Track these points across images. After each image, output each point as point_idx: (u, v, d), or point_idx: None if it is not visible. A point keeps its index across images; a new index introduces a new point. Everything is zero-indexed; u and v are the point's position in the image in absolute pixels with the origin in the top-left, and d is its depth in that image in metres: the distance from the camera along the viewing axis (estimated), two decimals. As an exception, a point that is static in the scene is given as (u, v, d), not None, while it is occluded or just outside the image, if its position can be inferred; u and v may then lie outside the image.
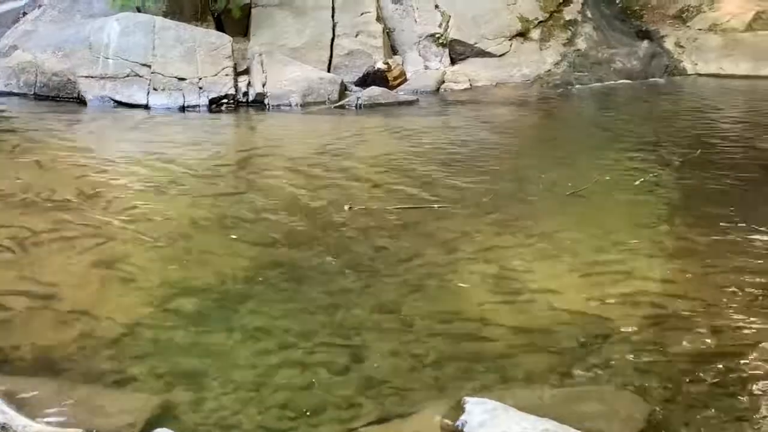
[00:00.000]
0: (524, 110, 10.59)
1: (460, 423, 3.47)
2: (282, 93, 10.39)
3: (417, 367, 4.14)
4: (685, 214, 6.27)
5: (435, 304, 4.83)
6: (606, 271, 5.23)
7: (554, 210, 6.41)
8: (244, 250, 5.65)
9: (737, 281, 5.04)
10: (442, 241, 5.77)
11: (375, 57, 11.39)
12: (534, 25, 12.42)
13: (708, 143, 8.35)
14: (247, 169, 7.66)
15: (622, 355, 4.21)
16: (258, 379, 4.03)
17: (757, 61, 12.18)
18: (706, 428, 3.60)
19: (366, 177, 7.31)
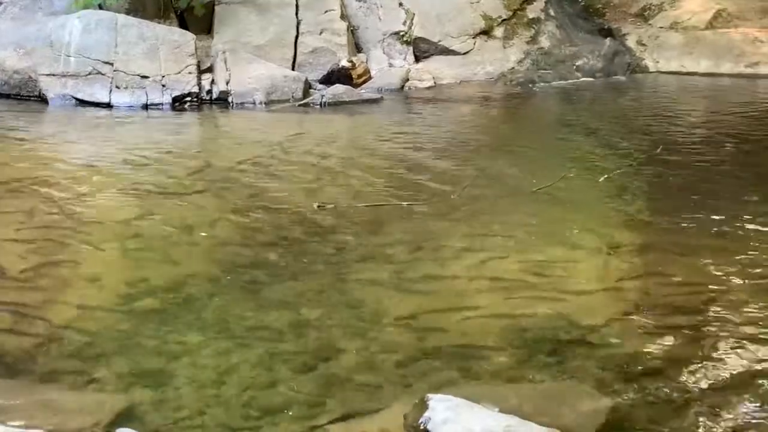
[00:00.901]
0: (489, 108, 10.64)
1: (423, 420, 3.47)
2: (246, 91, 10.35)
3: (381, 365, 4.15)
4: (648, 211, 6.33)
5: (399, 301, 4.84)
6: (569, 269, 5.26)
7: (521, 207, 6.45)
8: (207, 249, 5.63)
9: (698, 277, 5.09)
10: (408, 238, 5.79)
11: (339, 55, 11.38)
12: (497, 23, 12.46)
13: (669, 140, 8.43)
14: (210, 167, 7.62)
15: (583, 351, 4.25)
16: (221, 377, 4.01)
17: (718, 58, 12.31)
18: (665, 422, 3.64)
19: (332, 175, 7.30)
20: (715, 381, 3.98)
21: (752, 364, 4.12)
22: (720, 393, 3.88)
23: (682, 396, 3.85)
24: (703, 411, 3.74)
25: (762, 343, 4.31)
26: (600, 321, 4.55)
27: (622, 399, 3.80)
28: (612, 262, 5.37)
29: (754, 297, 4.82)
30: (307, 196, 6.67)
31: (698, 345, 4.32)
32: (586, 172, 7.34)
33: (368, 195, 6.72)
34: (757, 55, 12.26)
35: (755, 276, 5.09)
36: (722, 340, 4.35)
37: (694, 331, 4.46)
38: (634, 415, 3.70)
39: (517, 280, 5.09)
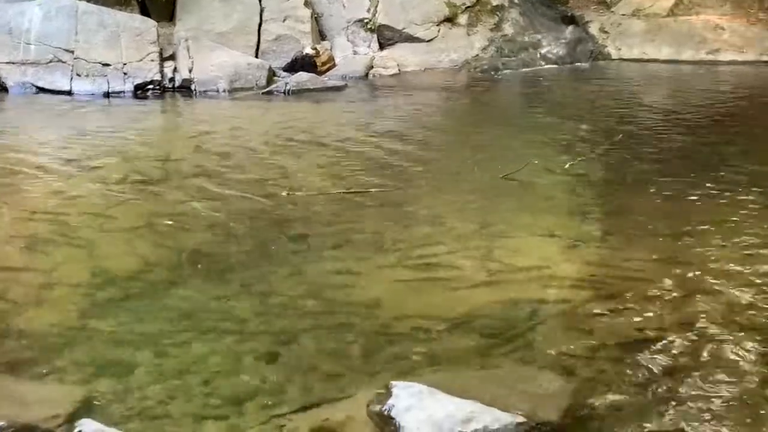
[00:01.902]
0: (453, 95, 10.65)
1: (387, 407, 3.48)
2: (209, 79, 10.30)
3: (346, 353, 4.15)
4: (612, 197, 6.38)
5: (363, 289, 4.84)
6: (532, 255, 5.28)
7: (488, 194, 6.47)
8: (171, 237, 5.60)
9: (660, 264, 5.13)
10: (375, 224, 5.79)
11: (303, 42, 11.35)
12: (461, 10, 12.47)
13: (630, 126, 8.49)
14: (173, 155, 7.58)
15: (545, 336, 4.27)
16: (184, 367, 3.99)
17: (679, 45, 12.42)
18: (628, 407, 3.67)
19: (300, 162, 7.28)
20: (676, 364, 4.01)
21: (713, 347, 4.16)
22: (681, 376, 3.91)
23: (644, 380, 3.88)
24: (664, 394, 3.77)
25: (725, 327, 4.35)
26: (562, 306, 4.58)
27: (584, 383, 3.83)
28: (575, 249, 5.39)
29: (716, 281, 4.87)
30: (275, 183, 6.65)
31: (660, 329, 4.35)
32: (551, 158, 7.37)
33: (336, 182, 6.72)
34: (717, 42, 12.38)
35: (716, 258, 5.14)
36: (683, 325, 4.38)
37: (655, 315, 4.49)
38: (596, 399, 3.72)
39: (480, 267, 5.10)
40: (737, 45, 12.36)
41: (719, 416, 3.62)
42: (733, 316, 4.45)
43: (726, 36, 12.47)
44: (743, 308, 4.54)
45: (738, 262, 5.11)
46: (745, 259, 5.15)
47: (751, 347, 4.16)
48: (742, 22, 12.84)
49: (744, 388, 3.81)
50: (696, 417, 3.61)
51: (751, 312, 4.50)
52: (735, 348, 4.15)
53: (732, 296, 4.68)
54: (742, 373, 3.95)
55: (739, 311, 4.50)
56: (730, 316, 4.45)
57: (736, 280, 4.87)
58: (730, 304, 4.57)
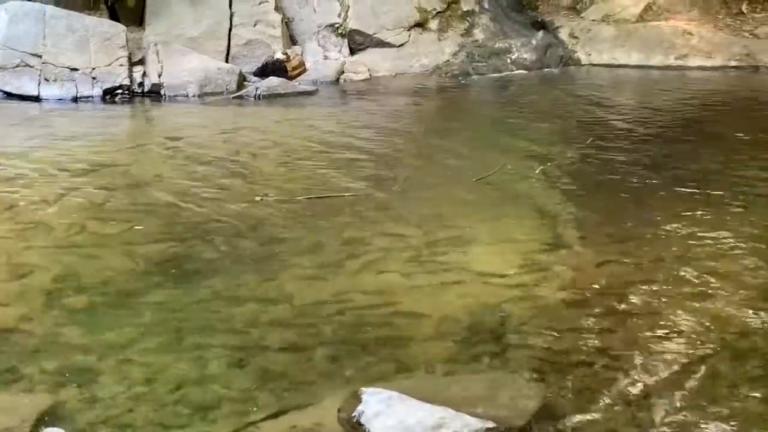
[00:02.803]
0: (424, 100, 10.66)
1: (357, 413, 3.47)
2: (179, 83, 10.24)
3: (314, 359, 4.13)
4: (582, 200, 6.39)
5: (333, 295, 4.82)
6: (504, 260, 5.28)
7: (460, 198, 6.47)
8: (140, 243, 5.56)
9: (628, 267, 5.16)
10: (346, 230, 5.77)
11: (274, 47, 11.32)
12: (432, 15, 12.50)
13: (600, 131, 8.54)
14: (142, 161, 7.53)
15: (515, 341, 4.27)
16: (152, 375, 3.95)
17: (648, 51, 12.51)
18: (595, 411, 3.68)
19: (272, 167, 7.26)
20: (645, 370, 4.03)
21: (681, 353, 4.19)
22: (651, 380, 3.93)
23: (613, 384, 3.90)
24: (633, 399, 3.78)
25: (691, 336, 4.37)
26: (531, 312, 4.58)
27: (553, 388, 3.83)
28: (545, 253, 5.40)
29: (683, 286, 4.90)
30: (246, 188, 6.62)
31: (630, 334, 4.37)
32: (523, 163, 7.39)
33: (309, 186, 6.69)
34: (686, 47, 12.48)
35: (685, 264, 5.17)
36: (654, 330, 4.40)
37: (625, 321, 4.51)
38: (566, 404, 3.73)
39: (452, 272, 5.10)
40: (705, 50, 12.46)
41: (688, 419, 3.64)
42: (704, 322, 4.48)
43: (694, 41, 12.58)
44: (713, 315, 4.57)
45: (705, 266, 5.15)
46: (712, 261, 5.20)
47: (725, 351, 4.19)
48: (709, 27, 12.96)
49: (716, 391, 3.84)
50: (665, 420, 3.63)
51: (723, 317, 4.53)
52: (706, 350, 4.18)
53: (702, 302, 4.70)
54: (715, 374, 3.97)
55: (708, 318, 4.53)
56: (702, 323, 4.48)
57: (704, 285, 4.90)
58: (701, 311, 4.60)
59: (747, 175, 6.98)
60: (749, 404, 3.75)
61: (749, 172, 7.06)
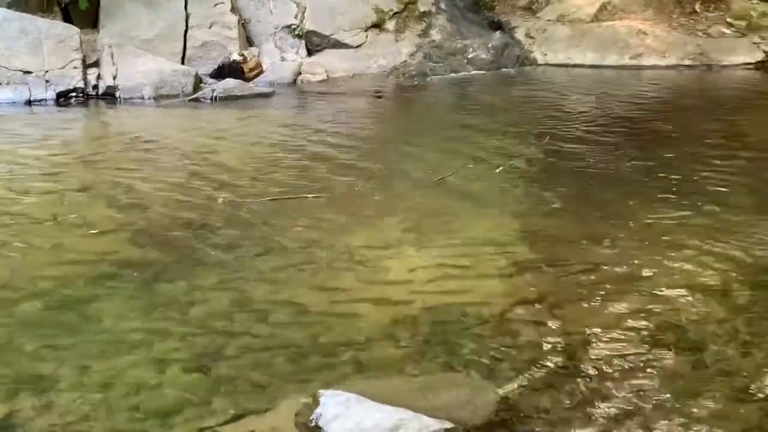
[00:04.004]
0: (382, 101, 10.65)
1: (315, 416, 3.46)
2: (134, 86, 10.14)
3: (273, 362, 4.11)
4: (545, 202, 6.43)
5: (291, 297, 4.80)
6: (462, 260, 5.30)
7: (421, 198, 6.47)
8: (95, 248, 5.50)
9: (587, 266, 5.19)
10: (307, 232, 5.76)
11: (230, 49, 11.24)
12: (389, 16, 12.51)
13: (556, 129, 8.59)
14: (96, 163, 7.45)
15: (473, 341, 4.29)
16: (108, 380, 3.92)
17: (603, 50, 12.61)
18: (554, 411, 3.71)
19: (231, 169, 7.21)
20: (601, 367, 4.06)
21: (638, 349, 4.23)
22: (606, 378, 3.97)
23: (570, 382, 3.93)
24: (589, 396, 3.82)
25: (645, 334, 4.42)
26: (488, 311, 4.60)
27: (512, 388, 3.85)
28: (502, 252, 5.42)
29: (639, 283, 4.95)
30: (206, 190, 6.59)
31: (587, 333, 4.41)
32: (483, 162, 7.42)
33: (269, 188, 6.66)
34: (641, 47, 12.61)
35: (645, 264, 5.22)
36: (610, 329, 4.44)
37: (579, 319, 4.54)
38: (524, 404, 3.75)
39: (410, 273, 5.10)
40: (659, 50, 12.59)
41: (643, 416, 3.68)
42: (656, 318, 4.53)
43: (649, 41, 12.71)
44: (664, 311, 4.62)
45: (660, 264, 5.21)
46: (663, 258, 5.26)
47: (671, 350, 4.24)
48: (664, 27, 13.10)
49: (667, 388, 3.88)
50: (620, 418, 3.67)
51: (672, 314, 4.58)
52: (657, 349, 4.23)
53: (652, 301, 4.75)
54: (664, 374, 4.02)
55: (659, 314, 4.58)
56: (654, 319, 4.53)
57: (657, 284, 4.96)
58: (651, 308, 4.65)
59: (689, 171, 7.09)
60: (703, 406, 3.80)
61: (692, 168, 7.18)
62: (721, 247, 5.43)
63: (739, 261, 5.23)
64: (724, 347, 4.25)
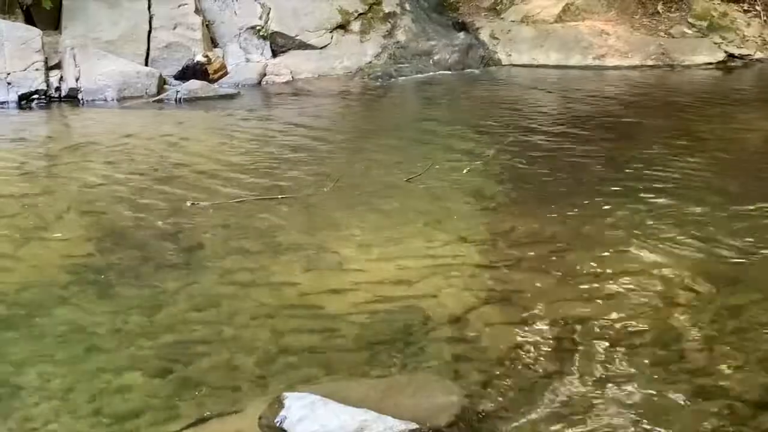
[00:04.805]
0: (348, 102, 10.65)
1: (279, 419, 3.46)
2: (97, 88, 10.07)
3: (237, 365, 4.11)
4: (510, 200, 6.48)
5: (256, 299, 4.80)
6: (427, 262, 5.31)
7: (390, 199, 6.48)
8: (60, 251, 5.46)
9: (545, 270, 5.22)
10: (274, 234, 5.75)
11: (194, 50, 11.18)
12: (354, 17, 12.50)
13: (520, 129, 8.64)
14: (59, 167, 7.39)
15: (438, 342, 4.31)
16: (70, 385, 3.90)
17: (567, 51, 12.68)
18: (516, 408, 3.73)
19: (198, 171, 7.18)
20: (564, 367, 4.10)
21: (601, 348, 4.26)
22: (569, 378, 4.00)
23: (534, 382, 3.95)
24: (553, 396, 3.84)
25: (610, 330, 4.46)
26: (453, 313, 4.61)
27: (476, 388, 3.87)
28: (468, 253, 5.45)
29: (603, 283, 4.99)
30: (173, 192, 6.56)
31: (550, 333, 4.43)
32: (450, 162, 7.43)
33: (237, 190, 6.64)
34: (603, 47, 12.69)
35: (608, 265, 5.26)
36: (574, 329, 4.47)
37: (542, 320, 4.57)
38: (488, 404, 3.77)
39: (375, 275, 5.11)
40: (622, 50, 12.69)
41: (607, 414, 3.71)
42: (619, 318, 4.57)
43: (611, 41, 12.80)
44: (626, 312, 4.66)
45: (621, 260, 5.26)
46: (629, 253, 5.31)
47: (635, 348, 4.28)
48: (626, 27, 13.20)
49: (631, 386, 3.92)
50: (584, 416, 3.70)
51: (640, 311, 4.63)
52: (619, 349, 4.26)
53: (617, 299, 4.80)
54: (628, 373, 4.05)
55: (622, 315, 4.62)
56: (614, 319, 4.57)
57: (622, 281, 5.00)
58: (612, 308, 4.69)
59: (653, 167, 7.17)
60: (667, 404, 3.84)
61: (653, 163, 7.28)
62: (683, 240, 5.49)
63: (700, 255, 5.29)
64: (686, 344, 4.30)
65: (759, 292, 4.83)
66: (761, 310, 4.63)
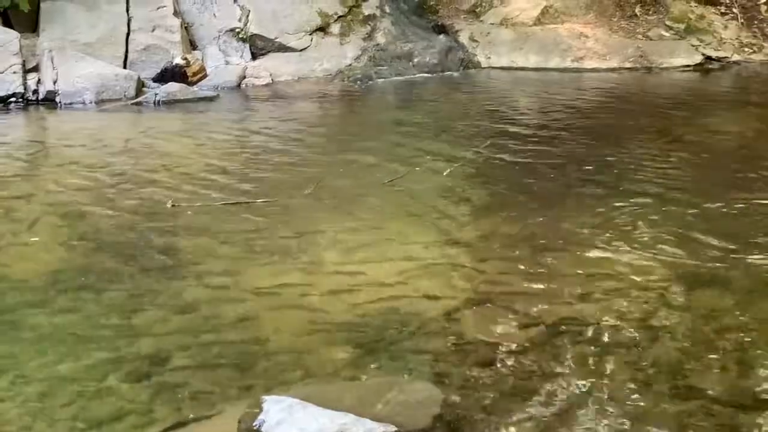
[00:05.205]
0: (328, 104, 10.65)
1: (257, 422, 3.45)
2: (75, 90, 10.01)
3: (216, 368, 4.10)
4: (490, 201, 6.50)
5: (235, 302, 4.79)
6: (400, 265, 5.30)
7: (370, 201, 6.48)
8: (37, 255, 5.43)
9: (531, 267, 5.24)
10: (253, 237, 5.73)
11: (173, 52, 11.14)
12: (334, 19, 12.50)
13: (499, 133, 8.65)
14: (38, 169, 7.36)
15: (416, 344, 4.31)
16: (48, 390, 3.87)
17: (546, 53, 12.73)
18: (496, 410, 3.74)
19: (179, 173, 7.16)
20: (543, 368, 4.11)
21: (579, 348, 4.28)
22: (548, 378, 4.01)
23: (512, 383, 3.96)
24: (532, 396, 3.86)
25: (591, 329, 4.47)
26: (431, 314, 4.62)
27: (454, 389, 3.88)
28: (445, 255, 5.45)
29: (584, 287, 5.01)
30: (153, 194, 6.54)
31: (530, 334, 4.44)
32: (430, 165, 7.44)
33: (218, 193, 6.62)
34: (582, 49, 12.75)
35: (587, 266, 5.28)
36: (554, 331, 4.48)
37: (520, 320, 4.59)
38: (468, 405, 3.78)
39: (353, 277, 5.11)
40: (601, 52, 12.75)
41: (585, 415, 3.73)
42: (598, 320, 4.59)
43: (590, 44, 12.86)
44: (606, 313, 4.68)
45: (600, 263, 5.28)
46: (607, 253, 5.34)
47: (612, 347, 4.30)
48: (605, 30, 13.26)
49: (608, 386, 3.94)
50: (563, 417, 3.71)
51: (619, 312, 4.64)
52: (599, 350, 4.28)
53: (591, 302, 4.81)
54: (607, 375, 4.07)
55: (601, 317, 4.64)
56: (593, 320, 4.58)
57: (596, 285, 5.02)
58: (592, 310, 4.71)
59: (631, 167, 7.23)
60: (642, 404, 3.86)
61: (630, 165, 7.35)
62: (661, 241, 5.52)
63: (678, 256, 5.32)
64: (662, 344, 4.32)
65: (736, 293, 4.86)
66: (739, 310, 4.65)
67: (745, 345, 4.31)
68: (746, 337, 4.38)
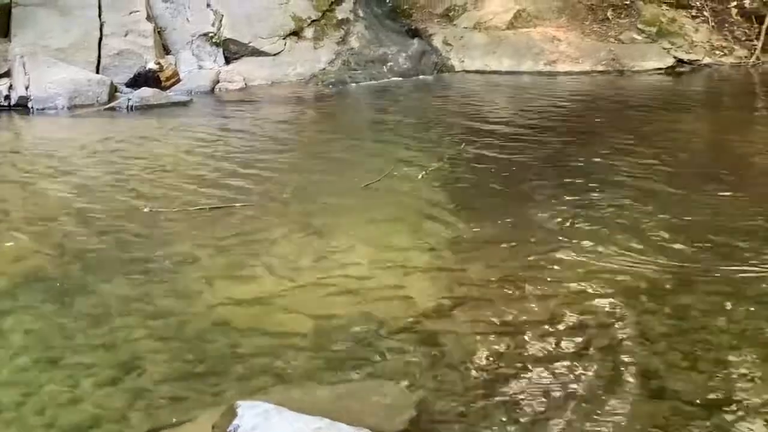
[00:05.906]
0: (301, 109, 10.66)
1: (232, 428, 3.43)
2: (47, 96, 9.96)
3: (190, 373, 4.08)
4: (465, 204, 6.51)
5: (209, 307, 4.77)
6: (377, 268, 5.32)
7: (348, 205, 6.49)
8: (10, 261, 5.39)
9: (507, 271, 5.26)
10: (230, 241, 5.72)
11: (146, 57, 11.12)
12: (307, 24, 12.51)
13: (472, 136, 8.68)
14: (10, 176, 7.30)
15: (391, 349, 4.31)
16: (21, 398, 3.84)
17: (519, 57, 12.81)
18: (471, 414, 3.75)
19: (153, 178, 7.13)
20: (520, 372, 4.13)
21: (551, 351, 4.30)
22: (524, 381, 4.03)
23: (489, 386, 3.98)
24: (508, 399, 3.87)
25: (570, 337, 4.50)
26: (407, 319, 4.62)
27: (430, 393, 3.89)
28: (422, 258, 5.46)
29: (557, 289, 5.03)
30: (128, 200, 6.51)
31: (504, 337, 4.46)
32: (407, 168, 7.46)
33: (195, 197, 6.61)
34: (555, 53, 12.83)
35: (560, 268, 5.30)
36: (528, 333, 4.50)
37: (496, 324, 4.60)
38: (442, 408, 3.79)
39: (328, 281, 5.11)
40: (573, 56, 12.84)
41: (562, 417, 3.75)
42: (571, 321, 4.61)
43: (563, 47, 12.95)
44: (579, 315, 4.71)
45: (579, 265, 5.32)
46: (582, 255, 5.37)
47: (589, 349, 4.33)
48: (577, 33, 13.36)
49: (585, 388, 3.96)
50: (539, 419, 3.73)
51: (590, 318, 4.67)
52: (572, 351, 4.30)
53: (564, 303, 4.84)
54: (580, 376, 4.10)
55: (574, 318, 4.67)
56: (566, 321, 4.61)
57: (569, 286, 5.05)
58: (564, 311, 4.73)
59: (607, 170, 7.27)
60: (618, 405, 3.89)
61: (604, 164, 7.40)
62: (633, 242, 5.56)
63: (649, 257, 5.36)
64: (636, 346, 4.36)
65: (707, 294, 4.90)
66: (710, 311, 4.69)
67: (717, 346, 4.35)
68: (717, 339, 4.42)
